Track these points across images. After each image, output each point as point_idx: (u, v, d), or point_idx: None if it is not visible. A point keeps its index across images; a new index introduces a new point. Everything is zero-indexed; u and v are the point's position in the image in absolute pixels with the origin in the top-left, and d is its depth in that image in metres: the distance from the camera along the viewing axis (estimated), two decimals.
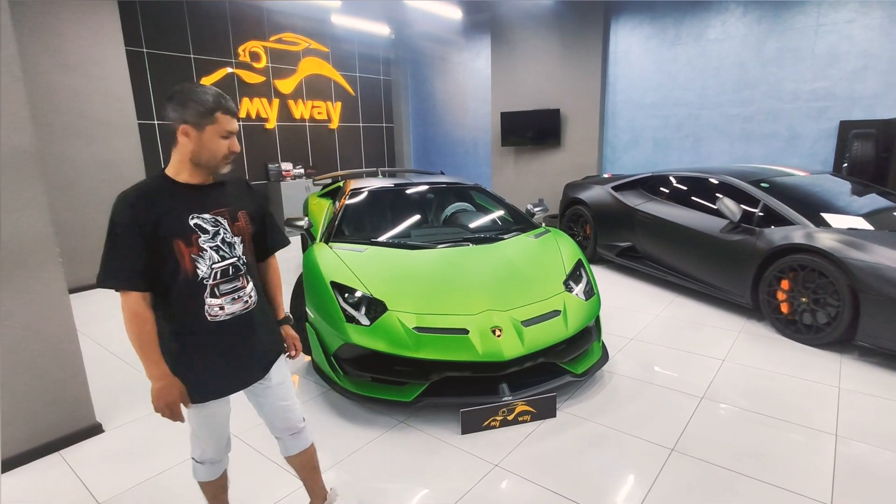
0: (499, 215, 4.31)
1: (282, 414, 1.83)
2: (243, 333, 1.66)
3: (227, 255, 1.61)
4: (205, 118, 1.51)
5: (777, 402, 2.87)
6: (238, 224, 1.65)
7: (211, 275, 1.58)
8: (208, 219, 1.58)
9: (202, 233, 1.56)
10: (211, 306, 1.58)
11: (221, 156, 1.57)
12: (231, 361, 1.65)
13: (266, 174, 8.24)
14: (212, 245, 1.58)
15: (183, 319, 1.57)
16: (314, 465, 1.97)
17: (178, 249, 1.52)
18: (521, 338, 2.74)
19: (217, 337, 1.61)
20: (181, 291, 1.54)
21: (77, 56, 5.30)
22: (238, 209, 1.67)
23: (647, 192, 5.32)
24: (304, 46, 8.49)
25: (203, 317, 1.57)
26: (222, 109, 1.54)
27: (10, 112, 2.32)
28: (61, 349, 2.55)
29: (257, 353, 1.71)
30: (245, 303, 1.65)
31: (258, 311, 1.71)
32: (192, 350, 1.59)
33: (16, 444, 2.44)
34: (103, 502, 2.20)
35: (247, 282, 1.67)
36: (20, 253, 2.37)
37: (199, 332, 1.58)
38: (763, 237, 3.85)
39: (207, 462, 1.80)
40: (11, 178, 2.33)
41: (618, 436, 2.58)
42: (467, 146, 9.76)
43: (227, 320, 1.61)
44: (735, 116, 6.62)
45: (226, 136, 1.56)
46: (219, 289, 1.59)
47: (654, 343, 3.72)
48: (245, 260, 1.67)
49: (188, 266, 1.54)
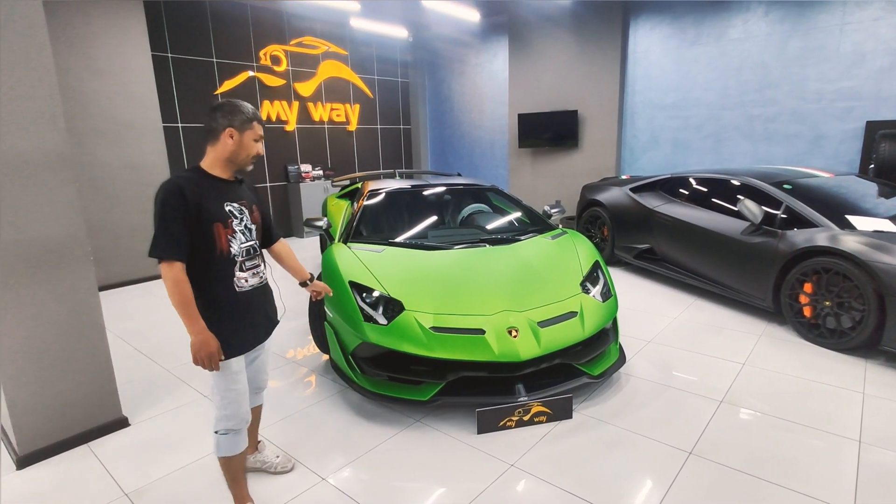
0: (515, 217, 4.31)
1: (258, 375, 2.23)
2: (259, 301, 2.06)
3: (249, 238, 1.99)
4: (246, 125, 1.91)
5: (799, 406, 2.83)
6: (254, 214, 2.04)
7: (240, 252, 1.94)
8: (237, 207, 1.95)
9: (234, 218, 1.93)
10: (238, 279, 1.95)
11: (253, 155, 1.96)
12: (250, 324, 2.01)
13: (286, 175, 8.37)
14: (240, 228, 1.95)
15: (217, 289, 1.90)
16: (258, 421, 2.37)
17: (217, 231, 1.86)
18: (537, 339, 2.75)
19: (242, 304, 1.96)
20: (218, 266, 1.89)
21: (106, 62, 5.47)
22: (253, 203, 2.06)
23: (665, 193, 5.27)
24: (323, 50, 8.60)
25: (232, 287, 1.93)
26: (257, 119, 1.95)
27: (47, 116, 2.41)
28: (90, 345, 2.64)
29: (267, 318, 2.12)
30: (261, 278, 2.06)
31: (268, 287, 2.14)
32: (222, 314, 1.91)
33: (46, 436, 2.53)
34: (129, 493, 2.27)
35: (261, 261, 2.09)
36: (55, 252, 2.47)
37: (229, 300, 1.93)
38: (785, 239, 3.79)
39: (231, 431, 1.99)
40: (47, 180, 2.43)
41: (634, 438, 2.57)
42: (484, 148, 9.77)
43: (249, 291, 1.99)
44: (757, 117, 6.51)
45: (258, 139, 1.96)
46: (245, 265, 1.97)
47: (673, 346, 3.68)
48: (259, 243, 2.08)
49: (224, 245, 1.89)
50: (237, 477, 2.08)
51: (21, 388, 2.44)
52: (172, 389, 3.23)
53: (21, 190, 2.35)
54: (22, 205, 2.35)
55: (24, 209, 2.36)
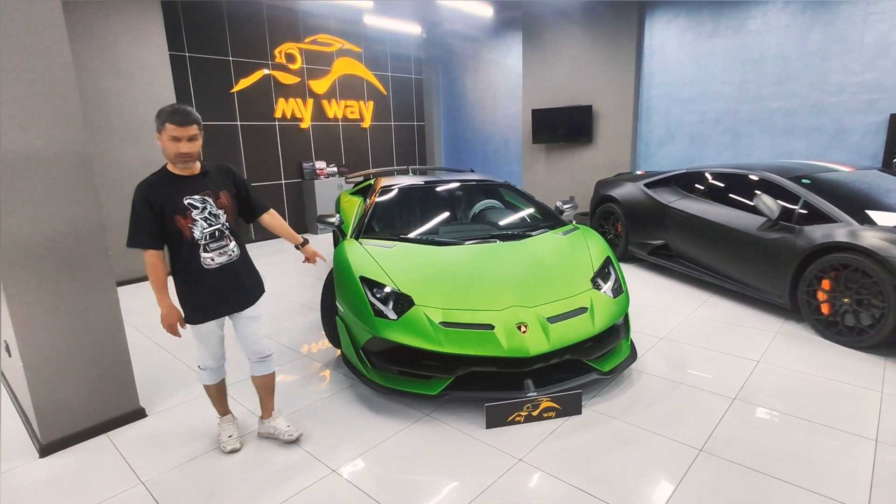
0: (527, 213, 4.30)
1: (252, 341, 2.52)
2: (228, 277, 2.36)
3: (214, 223, 2.30)
4: (160, 127, 2.16)
5: (814, 405, 2.78)
6: (220, 201, 2.33)
7: (203, 236, 2.27)
8: (198, 198, 2.27)
9: (193, 209, 2.25)
10: (204, 258, 2.28)
11: (174, 153, 2.19)
12: (219, 295, 2.34)
13: (301, 173, 8.45)
14: (202, 217, 2.27)
15: (187, 267, 2.28)
16: (271, 389, 2.66)
17: (179, 222, 2.22)
18: (546, 334, 2.75)
19: (210, 279, 2.31)
20: (185, 249, 2.25)
21: (126, 62, 5.58)
22: (220, 190, 2.35)
23: (681, 188, 5.20)
24: (337, 47, 8.66)
25: (200, 265, 2.28)
26: (172, 120, 2.13)
27: (67, 115, 2.48)
28: (109, 338, 2.71)
29: (240, 290, 2.42)
30: (229, 256, 2.36)
31: (240, 262, 2.42)
32: (194, 287, 2.30)
33: (67, 426, 2.61)
34: (146, 481, 2.33)
35: (230, 241, 2.37)
36: (74, 247, 2.54)
37: (198, 275, 2.29)
38: (803, 235, 3.72)
39: (208, 369, 2.49)
40: (67, 177, 2.50)
41: (645, 435, 2.56)
42: (498, 144, 9.75)
43: (217, 268, 2.32)
44: (776, 110, 6.38)
45: (175, 139, 2.16)
46: (209, 246, 2.29)
47: (686, 343, 3.64)
48: (228, 226, 2.36)
49: (187, 232, 2.23)
50: (217, 399, 2.60)
51: (43, 379, 2.52)
52: (188, 382, 3.30)
53: (42, 187, 2.42)
54: (43, 201, 2.43)
55: (44, 206, 2.43)
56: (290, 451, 2.53)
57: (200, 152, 2.30)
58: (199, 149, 2.26)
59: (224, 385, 2.61)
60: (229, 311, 2.41)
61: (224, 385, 2.61)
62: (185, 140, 2.16)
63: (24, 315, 2.42)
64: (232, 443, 2.54)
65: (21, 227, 2.37)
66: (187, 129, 2.15)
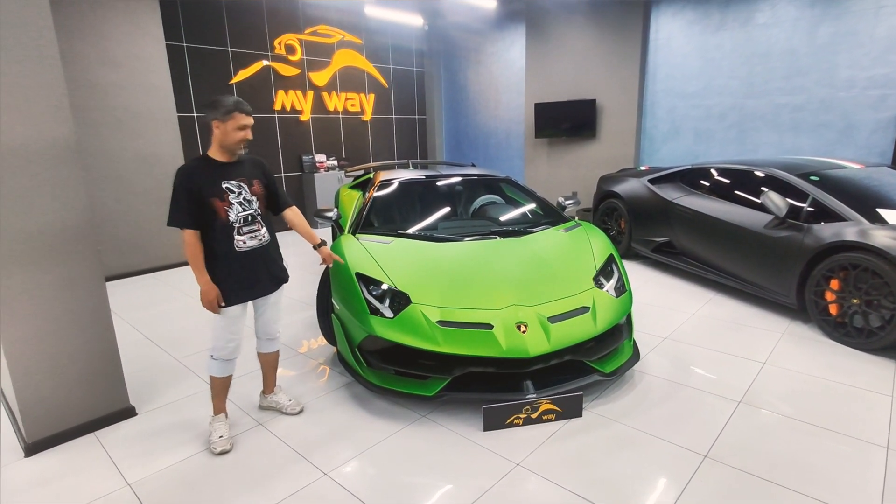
0: (528, 208, 4.21)
1: (268, 324, 2.68)
2: (259, 261, 2.48)
3: (248, 208, 2.42)
4: (226, 116, 2.28)
5: (822, 409, 2.70)
6: (254, 188, 2.46)
7: (237, 219, 2.38)
8: (234, 183, 2.39)
9: (230, 192, 2.36)
10: (237, 241, 2.39)
11: (237, 140, 2.34)
12: (250, 278, 2.46)
13: (300, 166, 8.36)
14: (238, 201, 2.38)
15: (221, 249, 2.37)
16: (275, 366, 2.83)
17: (216, 204, 2.32)
18: (547, 334, 2.67)
19: (242, 261, 2.41)
20: (220, 231, 2.35)
21: (121, 52, 5.48)
22: (253, 178, 2.48)
23: (685, 185, 5.10)
24: (338, 38, 8.53)
25: (233, 248, 2.38)
26: (239, 110, 2.29)
27: (54, 107, 2.39)
28: (97, 335, 2.64)
29: (268, 275, 2.54)
30: (260, 240, 2.47)
31: (270, 247, 2.55)
32: (226, 269, 2.38)
33: (54, 424, 2.55)
34: (133, 483, 2.26)
35: (261, 226, 2.49)
36: (62, 242, 2.46)
37: (231, 257, 2.39)
38: (811, 234, 3.62)
39: (222, 360, 2.49)
40: (55, 170, 2.42)
41: (647, 439, 2.48)
42: (500, 138, 9.63)
43: (248, 251, 2.43)
44: (784, 106, 6.26)
45: (241, 128, 2.32)
46: (242, 230, 2.40)
47: (690, 343, 3.56)
48: (260, 212, 2.48)
49: (223, 214, 2.34)
50: (219, 394, 2.57)
51: (29, 377, 2.45)
52: (180, 380, 3.23)
53: (29, 180, 2.34)
54: (29, 195, 2.35)
55: (31, 199, 2.35)
56: (282, 453, 2.46)
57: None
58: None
59: (230, 381, 2.59)
60: (259, 294, 2.53)
61: (230, 381, 2.59)
62: (249, 128, 2.35)
63: (8, 310, 2.35)
64: (222, 444, 2.49)
65: (6, 220, 2.29)
66: (251, 118, 2.34)
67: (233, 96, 2.34)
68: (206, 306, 2.36)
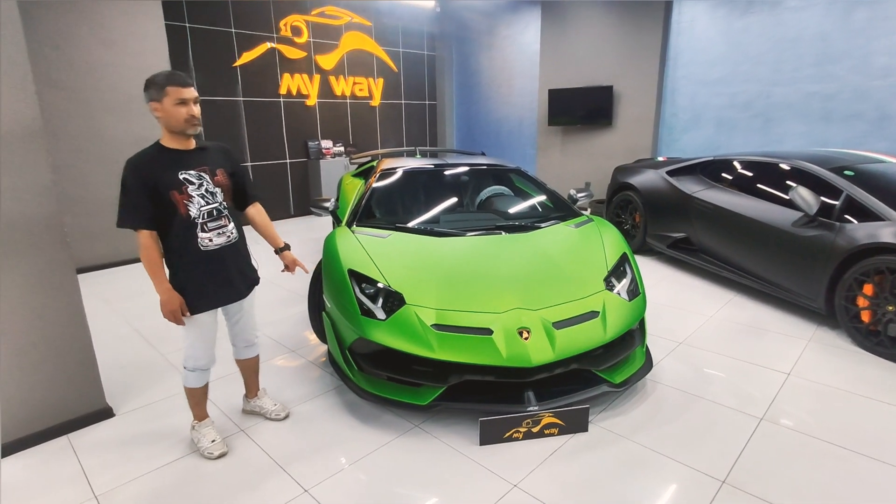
0: (537, 201, 3.96)
1: (245, 330, 2.45)
2: (228, 260, 2.21)
3: (211, 201, 2.14)
4: (160, 93, 2.00)
5: (852, 428, 2.45)
6: (217, 178, 2.18)
7: (200, 215, 2.10)
8: (193, 174, 2.11)
9: (189, 184, 2.08)
10: (202, 239, 2.12)
11: (183, 119, 2.03)
12: (218, 281, 2.19)
13: (306, 152, 8.15)
14: (198, 193, 2.10)
15: (183, 249, 2.10)
16: (256, 370, 2.62)
17: (174, 198, 2.04)
18: (551, 341, 2.44)
19: (209, 262, 2.15)
20: (180, 228, 2.08)
21: (117, 32, 5.28)
22: (217, 167, 2.20)
23: (706, 177, 4.80)
24: (346, 20, 8.26)
25: (197, 247, 2.11)
26: (173, 83, 2.00)
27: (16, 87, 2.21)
28: (69, 331, 2.47)
29: (240, 276, 2.29)
30: (228, 237, 2.20)
31: (241, 244, 2.30)
32: (190, 272, 2.12)
33: (23, 426, 2.39)
34: (99, 494, 2.10)
35: (228, 221, 2.21)
36: (25, 232, 2.29)
37: (195, 258, 2.12)
38: (844, 233, 3.33)
39: (198, 370, 2.28)
40: (17, 155, 2.23)
41: (658, 459, 2.26)
42: (512, 125, 9.32)
43: (216, 249, 2.16)
44: (813, 94, 5.88)
45: (180, 102, 2.01)
46: (207, 226, 2.13)
47: (707, 349, 3.32)
48: (226, 205, 2.20)
49: (182, 209, 2.06)
50: (198, 402, 2.38)
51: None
52: (163, 377, 3.07)
53: None
54: None
55: None
56: (261, 464, 2.28)
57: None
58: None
59: (207, 388, 2.39)
60: (231, 299, 2.28)
61: (207, 388, 2.39)
62: (192, 102, 2.04)
63: None
64: (218, 447, 2.33)
65: None
66: (190, 89, 2.04)
67: (167, 70, 2.05)
68: (168, 317, 2.09)
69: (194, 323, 2.18)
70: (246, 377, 2.62)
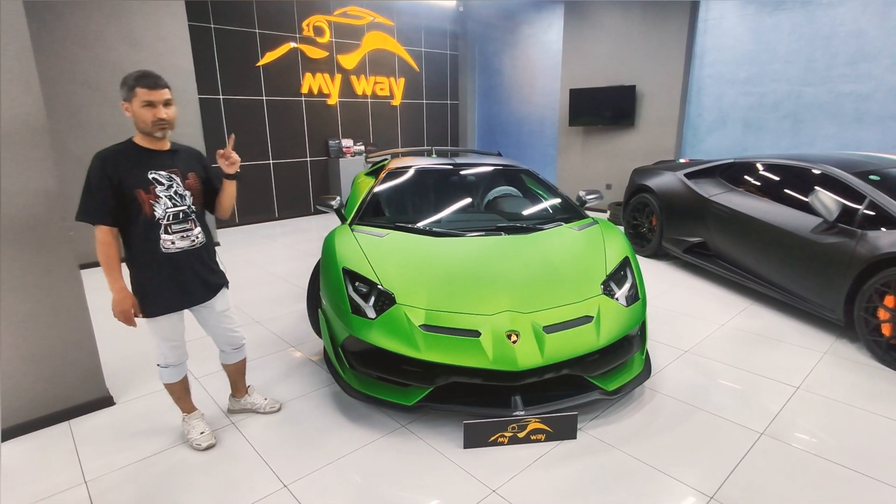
0: (543, 203, 3.89)
1: (226, 335, 2.43)
2: (189, 264, 2.17)
3: (179, 203, 2.12)
4: (129, 94, 1.99)
5: (861, 448, 2.31)
6: (188, 181, 2.16)
7: (165, 216, 2.08)
8: (164, 174, 2.09)
9: (158, 184, 2.06)
10: (164, 241, 2.09)
11: (150, 121, 2.01)
12: (178, 285, 2.16)
13: (326, 150, 8.26)
14: (167, 194, 2.08)
15: (144, 250, 2.08)
16: (242, 372, 2.60)
17: (140, 197, 2.02)
18: (540, 346, 2.39)
19: (168, 265, 2.12)
20: (143, 228, 2.05)
21: (144, 32, 5.45)
22: (188, 170, 2.18)
23: (725, 181, 4.63)
24: (368, 20, 8.32)
25: (159, 249, 2.09)
26: (141, 84, 1.97)
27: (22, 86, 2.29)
28: (71, 321, 2.56)
29: (199, 280, 2.23)
30: (192, 241, 2.17)
31: (204, 251, 2.24)
32: (149, 274, 2.11)
33: (25, 411, 2.49)
34: (89, 480, 2.17)
35: (195, 226, 2.18)
36: (30, 225, 2.38)
37: (156, 260, 2.09)
38: (865, 241, 3.16)
39: (170, 366, 2.30)
40: (23, 153, 2.32)
41: (646, 471, 2.18)
42: (533, 125, 9.22)
43: (177, 253, 2.13)
44: (847, 95, 5.61)
45: (147, 104, 1.99)
46: (171, 228, 2.10)
47: (714, 358, 3.19)
48: (194, 209, 2.18)
49: (147, 209, 2.04)
50: (181, 397, 2.41)
51: (1, 363, 2.39)
52: None
53: None
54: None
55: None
56: (246, 458, 2.31)
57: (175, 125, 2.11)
58: (175, 116, 2.09)
59: (187, 381, 2.42)
60: (191, 303, 2.25)
61: (187, 381, 2.42)
62: (161, 105, 2.00)
63: None
64: (206, 439, 2.38)
65: None
66: (160, 92, 2.00)
67: (141, 69, 1.99)
68: (119, 317, 2.07)
69: (154, 324, 2.17)
70: (232, 379, 2.60)
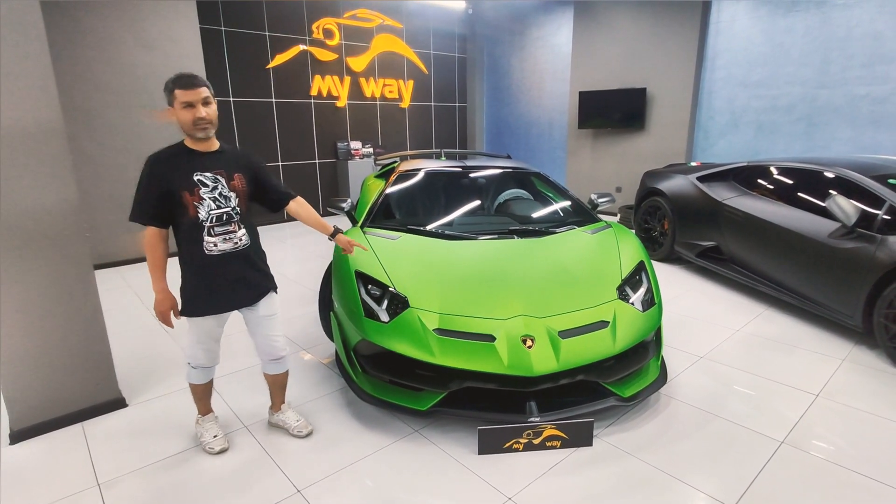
0: (555, 206, 3.87)
1: (266, 342, 2.35)
2: (232, 267, 2.14)
3: (223, 205, 2.09)
4: (170, 97, 2.00)
5: (883, 458, 2.26)
6: (233, 183, 2.13)
7: (208, 218, 2.06)
8: (209, 176, 2.07)
9: (202, 186, 2.05)
10: (207, 243, 2.08)
11: (189, 122, 2.00)
12: (220, 287, 2.14)
13: (335, 152, 8.27)
14: (211, 196, 2.06)
15: (189, 252, 2.09)
16: (283, 385, 2.53)
17: (185, 199, 2.02)
18: (556, 351, 2.36)
19: (211, 267, 2.11)
20: (187, 229, 2.06)
21: (156, 35, 5.49)
22: (234, 172, 2.14)
23: (739, 184, 4.58)
24: (377, 23, 8.34)
25: (202, 250, 2.08)
26: (179, 86, 1.97)
27: (40, 89, 2.30)
28: (85, 323, 2.56)
29: (244, 283, 2.20)
30: (235, 244, 2.14)
31: (251, 252, 2.21)
32: (193, 275, 2.12)
33: (39, 413, 2.49)
34: (102, 482, 2.16)
35: (238, 228, 2.15)
36: (46, 227, 2.38)
37: (200, 262, 2.10)
38: (885, 246, 3.11)
39: (199, 367, 2.30)
40: (40, 154, 2.33)
41: (664, 480, 2.15)
42: (542, 128, 9.19)
43: (220, 255, 2.11)
44: (863, 97, 5.54)
45: (186, 105, 1.98)
46: (214, 230, 2.08)
47: (730, 365, 3.15)
48: (238, 210, 2.14)
49: (192, 211, 2.04)
50: (201, 398, 2.41)
51: (14, 364, 2.39)
52: (179, 370, 3.14)
53: (12, 164, 2.26)
54: (11, 179, 2.26)
55: (14, 184, 2.27)
56: (259, 461, 2.30)
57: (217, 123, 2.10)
58: (216, 115, 2.07)
59: (212, 384, 2.42)
60: (234, 307, 2.22)
61: (212, 384, 2.42)
62: (200, 104, 1.99)
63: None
64: (219, 442, 2.37)
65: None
66: (197, 91, 1.98)
67: (176, 73, 2.00)
68: (159, 317, 2.12)
69: (193, 325, 2.18)
70: (272, 391, 2.53)
